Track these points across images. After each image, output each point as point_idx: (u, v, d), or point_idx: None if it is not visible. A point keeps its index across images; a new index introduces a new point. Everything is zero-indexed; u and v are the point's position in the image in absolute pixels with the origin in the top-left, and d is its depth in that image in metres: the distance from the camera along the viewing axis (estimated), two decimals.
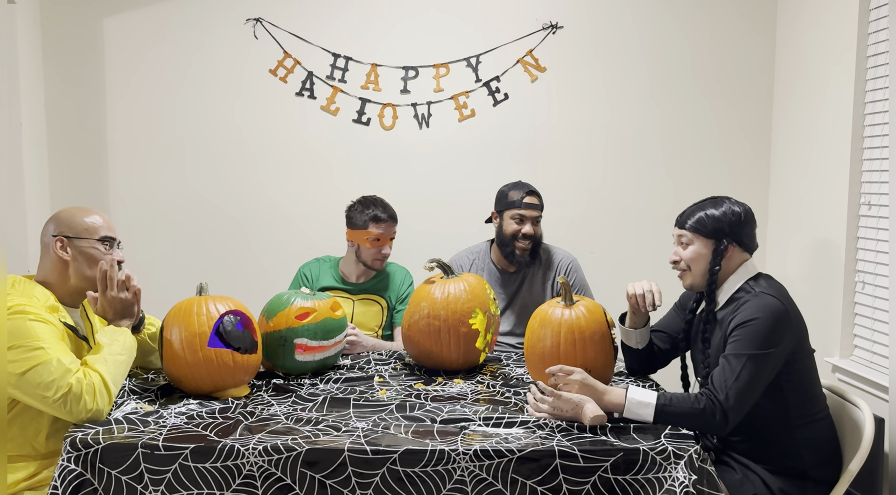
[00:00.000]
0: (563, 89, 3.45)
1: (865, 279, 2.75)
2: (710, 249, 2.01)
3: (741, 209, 2.02)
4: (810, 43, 3.12)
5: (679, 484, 1.63)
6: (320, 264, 2.87)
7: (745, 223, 2.01)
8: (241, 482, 1.66)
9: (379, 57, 3.43)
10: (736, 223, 1.99)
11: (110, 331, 1.92)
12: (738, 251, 2.01)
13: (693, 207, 2.07)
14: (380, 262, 2.80)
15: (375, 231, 2.74)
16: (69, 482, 1.65)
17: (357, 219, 2.78)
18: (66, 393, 1.73)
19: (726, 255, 2.00)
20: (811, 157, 3.10)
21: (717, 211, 2.01)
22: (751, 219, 2.03)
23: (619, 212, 3.51)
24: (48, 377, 1.72)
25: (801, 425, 1.93)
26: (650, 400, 1.79)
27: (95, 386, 1.77)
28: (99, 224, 1.96)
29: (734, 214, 2.00)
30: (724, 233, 1.99)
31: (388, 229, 2.78)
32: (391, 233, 2.80)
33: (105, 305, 1.94)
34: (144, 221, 3.48)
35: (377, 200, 2.82)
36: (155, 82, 3.45)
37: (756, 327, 1.85)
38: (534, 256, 2.76)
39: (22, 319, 1.75)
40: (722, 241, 1.99)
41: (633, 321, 2.20)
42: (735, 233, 1.99)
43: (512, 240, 2.74)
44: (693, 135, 3.47)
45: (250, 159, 3.49)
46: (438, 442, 1.69)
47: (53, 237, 1.92)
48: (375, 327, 2.79)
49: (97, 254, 1.94)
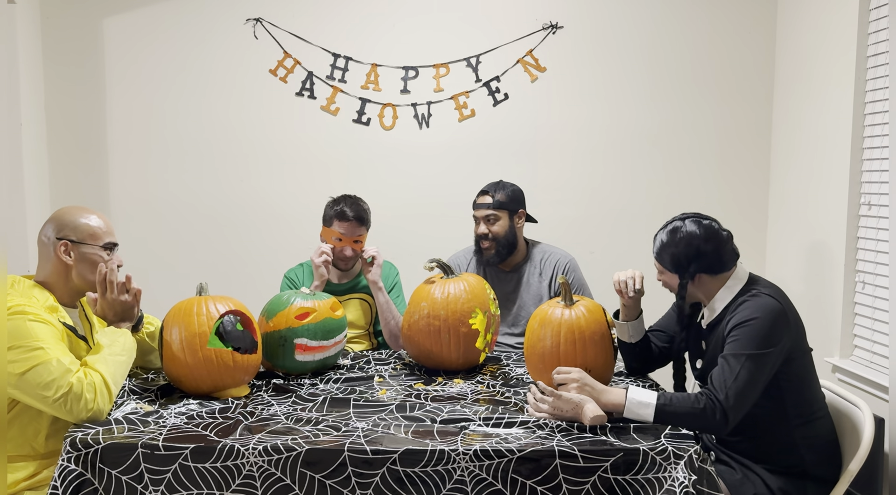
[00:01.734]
0: (563, 89, 3.45)
1: (865, 279, 2.75)
2: (676, 282, 2.00)
3: (699, 235, 1.94)
4: (810, 43, 3.12)
5: (679, 484, 1.63)
6: (304, 268, 2.82)
7: (705, 249, 1.94)
8: (241, 482, 1.66)
9: (379, 57, 3.44)
10: (694, 255, 1.94)
11: (110, 332, 1.92)
12: (710, 277, 1.98)
13: (659, 234, 2.03)
14: (344, 263, 2.73)
15: (338, 230, 2.67)
16: (69, 482, 1.65)
17: (326, 214, 2.73)
18: (67, 393, 1.73)
19: (694, 284, 1.99)
20: (811, 158, 3.10)
21: (675, 247, 1.96)
22: (712, 240, 1.95)
23: (619, 212, 3.51)
24: (48, 377, 1.72)
25: (801, 424, 1.93)
26: (650, 400, 1.79)
27: (96, 385, 1.77)
28: (102, 229, 1.97)
29: (689, 246, 1.94)
30: (684, 267, 1.96)
31: (350, 230, 2.66)
32: (355, 236, 2.67)
33: (105, 307, 1.95)
34: (144, 221, 3.48)
35: (350, 198, 2.72)
36: (155, 82, 3.45)
37: (754, 327, 1.85)
38: (501, 255, 2.74)
39: (21, 320, 1.76)
40: (685, 276, 1.97)
41: (625, 314, 2.20)
42: (696, 263, 1.95)
43: (477, 241, 2.77)
44: (693, 135, 3.47)
45: (250, 159, 3.49)
46: (438, 442, 1.69)
47: (58, 240, 1.92)
48: (365, 325, 2.77)
49: (99, 259, 1.95)
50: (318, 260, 2.63)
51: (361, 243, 2.70)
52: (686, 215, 2.02)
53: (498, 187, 2.76)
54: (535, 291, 2.76)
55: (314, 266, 2.64)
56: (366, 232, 2.73)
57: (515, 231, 2.75)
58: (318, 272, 2.63)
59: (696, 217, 2.00)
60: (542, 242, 2.86)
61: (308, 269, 2.80)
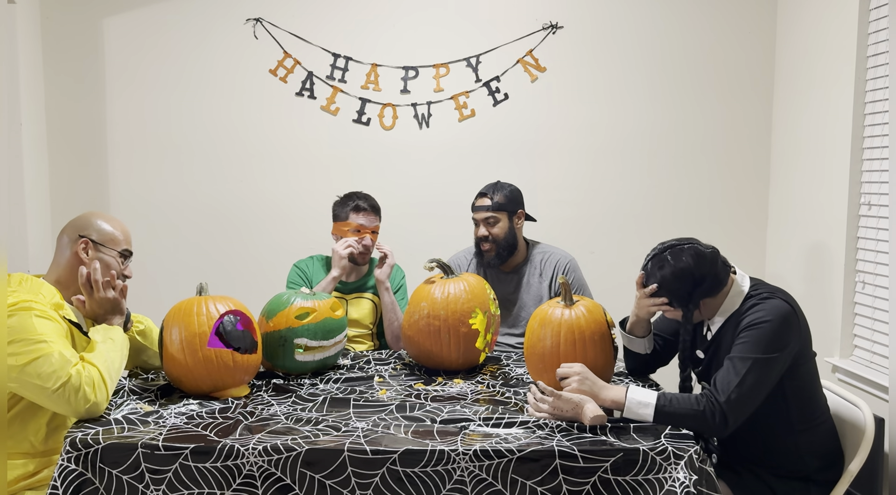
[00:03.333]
0: (563, 89, 3.45)
1: (865, 279, 2.75)
2: (679, 313, 1.98)
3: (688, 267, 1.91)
4: (810, 43, 3.12)
5: (679, 484, 1.63)
6: (313, 261, 2.85)
7: (700, 278, 1.91)
8: (241, 482, 1.66)
9: (379, 57, 3.43)
10: (691, 284, 1.92)
11: (102, 329, 1.94)
12: (711, 298, 1.96)
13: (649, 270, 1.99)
14: (363, 256, 2.76)
15: (356, 221, 2.72)
16: (69, 482, 1.65)
17: (340, 211, 2.77)
18: (66, 383, 1.75)
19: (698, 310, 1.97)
20: (811, 158, 3.10)
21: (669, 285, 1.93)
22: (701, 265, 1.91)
23: (619, 212, 3.50)
24: (48, 368, 1.74)
25: (804, 429, 1.92)
26: (650, 399, 1.79)
27: (94, 378, 1.79)
28: (122, 237, 2.04)
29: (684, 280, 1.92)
30: (685, 301, 1.95)
31: (369, 219, 2.74)
32: (373, 225, 2.75)
33: (94, 307, 1.98)
34: (144, 221, 3.48)
35: (359, 193, 2.80)
36: (155, 82, 3.45)
37: (764, 330, 1.83)
38: (501, 257, 2.73)
39: (27, 315, 1.78)
40: (688, 308, 1.95)
41: (641, 330, 2.15)
42: (696, 290, 1.93)
43: (477, 243, 2.77)
44: (693, 135, 3.47)
45: (250, 159, 3.49)
46: (438, 442, 1.69)
47: (80, 237, 1.98)
48: (369, 324, 2.79)
49: (113, 264, 2.00)
50: (343, 251, 2.68)
51: (377, 234, 2.77)
52: (665, 247, 1.97)
53: (496, 188, 2.74)
54: (536, 292, 2.76)
55: (338, 257, 2.68)
56: (380, 223, 2.79)
57: (515, 232, 2.74)
58: (342, 263, 2.68)
59: (677, 247, 1.95)
60: (541, 242, 2.86)
61: (318, 263, 2.83)
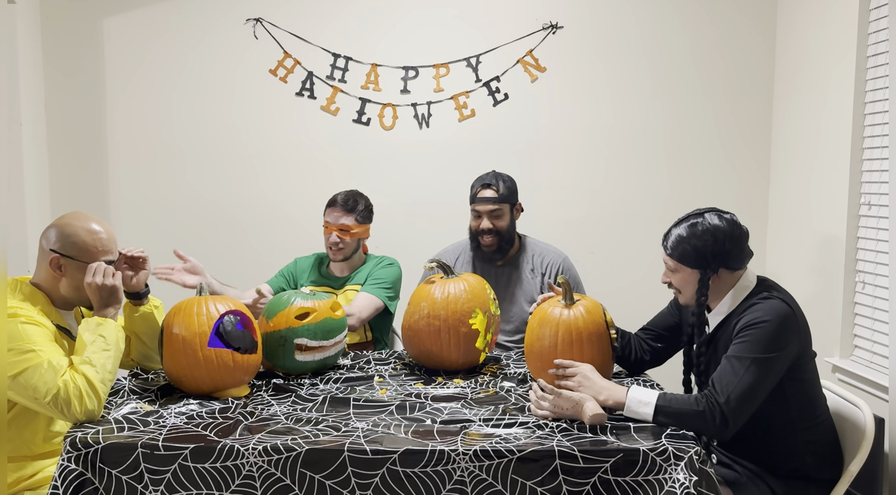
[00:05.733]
0: (564, 89, 3.45)
1: (865, 279, 2.75)
2: (696, 278, 1.95)
3: (723, 228, 1.91)
4: (810, 43, 3.12)
5: (679, 485, 1.63)
6: (314, 258, 2.85)
7: (729, 244, 1.91)
8: (241, 482, 1.66)
9: (379, 57, 3.43)
10: (719, 248, 1.91)
11: (93, 324, 1.86)
12: (728, 272, 1.95)
13: (674, 230, 1.98)
14: (332, 253, 2.70)
15: (326, 218, 2.68)
16: (69, 482, 1.65)
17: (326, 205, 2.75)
18: (56, 395, 1.72)
19: (714, 280, 1.95)
20: (811, 157, 3.10)
21: (697, 240, 1.91)
22: (735, 235, 1.92)
23: (619, 212, 3.51)
24: (38, 380, 1.72)
25: (804, 429, 1.92)
26: (650, 399, 1.79)
27: (82, 389, 1.75)
28: (98, 247, 1.91)
29: (715, 240, 1.90)
30: (707, 262, 1.92)
31: (336, 217, 2.65)
32: (340, 224, 2.64)
33: (90, 293, 1.89)
34: (144, 221, 3.48)
35: (349, 191, 2.74)
36: (155, 82, 3.45)
37: (764, 330, 1.82)
38: (503, 250, 2.68)
39: (13, 322, 1.76)
40: (707, 271, 1.93)
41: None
42: (720, 257, 1.92)
43: (475, 236, 2.69)
44: (693, 134, 3.47)
45: (250, 159, 3.49)
46: (438, 442, 1.69)
47: (51, 251, 1.89)
48: None
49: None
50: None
51: (349, 233, 2.66)
52: (703, 210, 1.98)
53: (498, 179, 2.67)
54: (527, 288, 2.72)
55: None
56: (355, 223, 2.67)
57: (514, 224, 2.72)
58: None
59: (716, 211, 1.96)
60: (528, 236, 2.83)
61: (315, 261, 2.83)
